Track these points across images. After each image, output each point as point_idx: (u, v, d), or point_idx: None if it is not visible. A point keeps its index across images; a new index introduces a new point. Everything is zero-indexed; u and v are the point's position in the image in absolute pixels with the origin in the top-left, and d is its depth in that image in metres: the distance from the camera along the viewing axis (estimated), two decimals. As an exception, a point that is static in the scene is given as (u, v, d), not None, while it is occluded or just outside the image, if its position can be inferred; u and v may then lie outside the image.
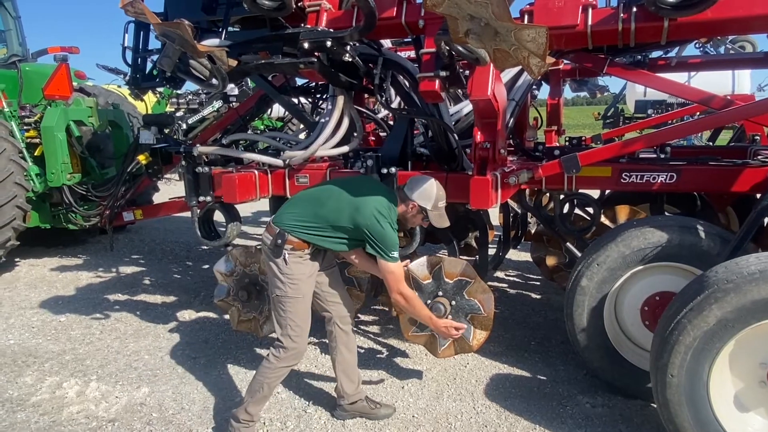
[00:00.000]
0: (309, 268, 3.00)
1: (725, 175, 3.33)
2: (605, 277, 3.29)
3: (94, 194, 6.22)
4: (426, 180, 3.04)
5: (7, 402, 3.54)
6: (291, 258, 2.93)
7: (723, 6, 2.69)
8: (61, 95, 6.20)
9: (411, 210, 3.02)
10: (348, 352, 3.26)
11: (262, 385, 3.00)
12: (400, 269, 2.99)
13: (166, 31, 2.97)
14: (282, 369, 3.01)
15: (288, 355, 2.98)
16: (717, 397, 2.57)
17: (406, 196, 3.01)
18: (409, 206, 3.01)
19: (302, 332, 2.99)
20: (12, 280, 6.18)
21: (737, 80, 12.46)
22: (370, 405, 3.30)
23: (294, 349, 2.98)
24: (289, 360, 3.00)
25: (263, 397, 3.04)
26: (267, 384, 3.01)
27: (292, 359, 3.02)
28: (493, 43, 2.40)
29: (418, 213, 3.03)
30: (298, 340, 2.98)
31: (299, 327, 2.98)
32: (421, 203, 2.99)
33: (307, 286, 3.01)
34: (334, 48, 3.32)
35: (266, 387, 3.01)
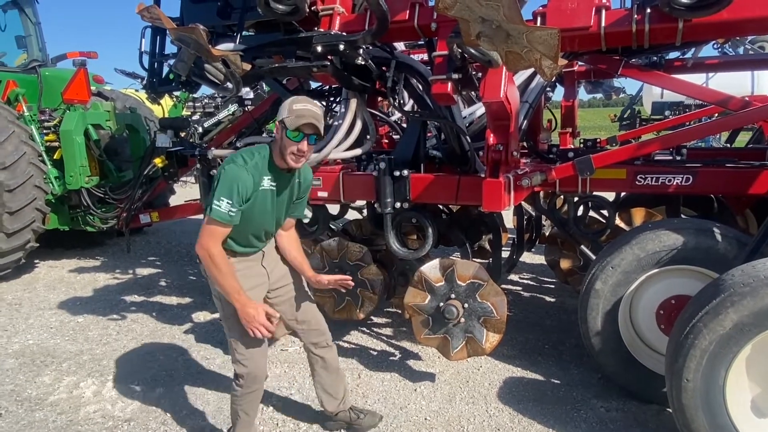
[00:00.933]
0: (245, 283, 2.59)
1: (742, 177, 3.28)
2: (620, 280, 3.26)
3: (112, 197, 6.33)
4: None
5: (25, 401, 3.60)
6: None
7: (739, 6, 2.65)
8: (79, 99, 6.31)
9: (277, 133, 2.54)
10: (327, 374, 3.02)
11: (237, 412, 2.80)
12: (218, 227, 2.44)
13: (181, 36, 3.02)
14: (247, 395, 2.75)
15: (244, 382, 2.70)
16: (733, 402, 2.54)
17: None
18: (276, 132, 2.56)
19: (251, 355, 2.66)
20: (31, 281, 6.29)
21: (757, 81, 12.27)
22: (352, 415, 3.13)
23: (248, 375, 2.68)
24: (248, 385, 2.72)
25: (247, 422, 2.83)
26: (242, 410, 2.79)
27: (251, 383, 2.72)
28: (505, 45, 2.40)
29: (282, 132, 2.48)
30: (248, 363, 2.66)
31: (247, 350, 2.65)
32: (280, 117, 2.50)
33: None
34: (347, 51, 3.34)
35: (242, 413, 2.79)
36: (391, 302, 4.36)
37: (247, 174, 2.46)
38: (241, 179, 2.43)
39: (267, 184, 2.56)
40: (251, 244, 2.69)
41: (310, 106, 2.50)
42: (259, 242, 2.73)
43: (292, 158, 2.50)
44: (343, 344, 4.30)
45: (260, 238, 2.72)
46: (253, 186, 2.49)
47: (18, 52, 7.53)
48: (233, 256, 2.64)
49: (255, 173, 2.50)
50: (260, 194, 2.54)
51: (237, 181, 2.42)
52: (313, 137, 2.51)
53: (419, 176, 3.54)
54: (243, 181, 2.44)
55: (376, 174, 3.50)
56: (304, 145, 2.49)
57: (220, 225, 2.44)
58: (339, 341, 4.34)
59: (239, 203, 2.45)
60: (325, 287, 2.95)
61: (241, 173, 2.45)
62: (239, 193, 2.43)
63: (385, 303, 4.45)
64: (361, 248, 4.00)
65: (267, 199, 2.59)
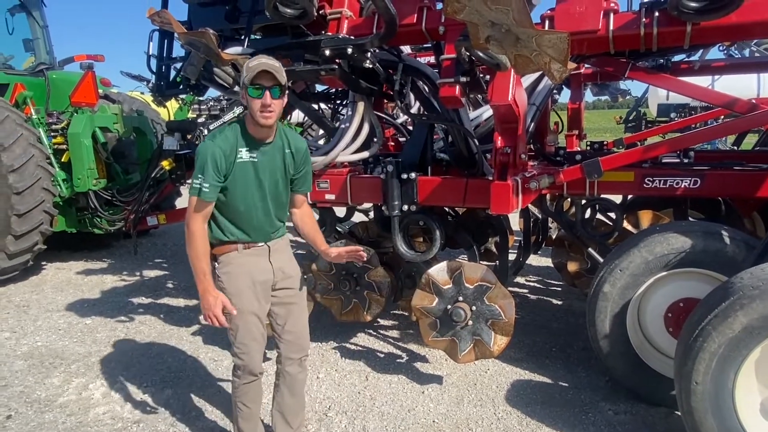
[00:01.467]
0: (245, 279, 2.62)
1: (750, 179, 3.28)
2: (628, 283, 3.26)
3: (119, 199, 6.36)
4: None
5: (35, 402, 3.62)
6: (220, 269, 2.62)
7: (748, 9, 2.66)
8: (87, 102, 6.35)
9: (244, 99, 2.49)
10: (290, 395, 2.89)
11: (236, 404, 2.81)
12: (194, 202, 2.48)
13: (191, 40, 3.04)
14: (244, 386, 2.76)
15: (241, 373, 2.73)
16: (742, 404, 2.53)
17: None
18: (242, 98, 2.51)
19: (247, 348, 2.68)
20: (39, 283, 6.32)
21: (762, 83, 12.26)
22: None
23: (243, 366, 2.71)
24: (245, 377, 2.74)
25: (248, 414, 2.82)
26: (241, 402, 2.79)
27: (247, 376, 2.74)
28: (514, 48, 2.41)
29: (246, 93, 2.44)
30: (243, 356, 2.68)
31: (243, 344, 2.67)
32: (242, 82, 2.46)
33: (245, 300, 2.62)
34: (354, 55, 3.36)
35: (242, 406, 2.80)
36: (398, 304, 4.36)
37: (215, 146, 2.45)
38: (209, 153, 2.44)
39: (246, 156, 2.53)
40: (251, 227, 2.63)
41: (264, 60, 2.45)
42: (259, 226, 2.65)
43: (260, 117, 2.45)
44: (350, 346, 4.31)
45: (258, 220, 2.64)
46: (225, 157, 2.47)
47: (25, 55, 7.58)
48: (236, 245, 2.62)
49: (225, 145, 2.48)
50: (239, 167, 2.52)
51: (206, 156, 2.44)
52: (276, 89, 2.44)
53: (427, 179, 3.55)
54: (212, 154, 2.44)
55: (384, 177, 3.51)
56: (267, 99, 2.42)
57: (199, 202, 2.47)
58: (346, 343, 4.35)
59: (215, 178, 2.46)
60: (338, 260, 2.96)
61: (209, 147, 2.45)
62: (212, 166, 2.44)
63: (391, 305, 4.45)
64: (368, 250, 4.00)
65: (249, 173, 2.55)
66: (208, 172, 2.44)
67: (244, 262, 2.64)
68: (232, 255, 2.63)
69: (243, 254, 2.64)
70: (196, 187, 2.46)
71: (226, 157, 2.47)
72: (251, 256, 2.66)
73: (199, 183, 2.45)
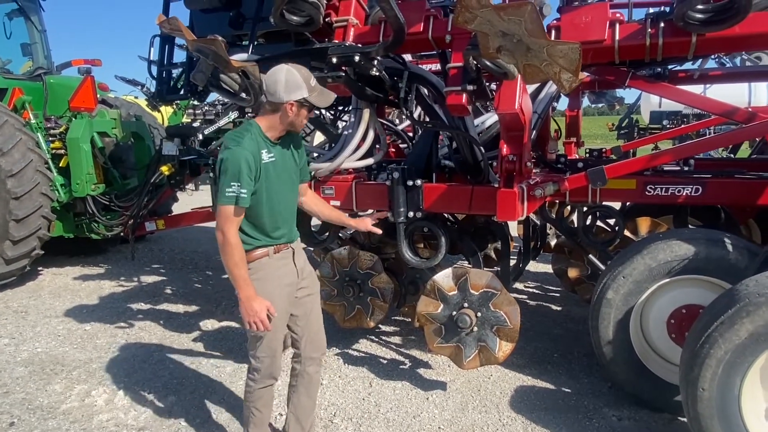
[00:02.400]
0: (279, 282, 2.69)
1: (752, 188, 3.32)
2: (631, 289, 3.29)
3: (117, 204, 6.34)
4: (280, 72, 2.53)
5: (38, 409, 3.60)
6: (251, 275, 2.61)
7: (751, 21, 2.70)
8: (86, 107, 6.33)
9: (291, 112, 2.54)
10: (307, 398, 2.96)
11: (250, 410, 2.83)
12: (230, 210, 2.47)
13: (200, 47, 3.04)
14: (260, 390, 2.79)
15: (259, 376, 2.76)
16: (748, 411, 2.56)
17: (275, 103, 2.53)
18: (287, 110, 2.53)
19: (269, 351, 2.73)
20: (36, 288, 6.28)
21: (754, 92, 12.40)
22: None
23: (263, 370, 2.75)
24: (262, 380, 2.77)
25: (260, 420, 2.85)
26: (254, 408, 2.82)
27: (265, 379, 2.78)
28: (525, 58, 2.44)
29: (300, 109, 2.55)
30: (265, 359, 2.73)
31: (270, 348, 2.72)
32: (296, 97, 2.51)
33: (277, 305, 2.65)
34: (361, 62, 3.37)
35: (255, 411, 2.82)
36: (401, 311, 4.37)
37: (246, 152, 2.47)
38: (242, 159, 2.45)
39: (266, 157, 2.57)
40: (278, 227, 2.68)
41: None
42: (284, 225, 2.71)
43: (301, 126, 2.67)
44: (353, 352, 4.31)
45: (283, 218, 2.70)
46: (255, 161, 2.50)
47: (23, 59, 7.53)
48: (267, 250, 2.65)
49: (253, 149, 2.51)
50: (263, 168, 2.56)
51: (239, 162, 2.44)
52: None
53: (432, 186, 3.57)
54: (245, 160, 2.45)
55: (390, 183, 3.53)
56: (312, 112, 2.73)
57: (234, 208, 2.47)
58: (349, 349, 4.36)
59: (249, 182, 2.48)
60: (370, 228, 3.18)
61: (240, 153, 2.45)
62: (246, 172, 2.45)
63: (393, 311, 4.46)
64: (372, 257, 4.02)
65: (270, 173, 2.60)
66: (244, 179, 2.45)
67: (274, 267, 2.69)
68: (264, 261, 2.66)
69: (273, 259, 2.68)
70: (233, 195, 2.45)
71: (255, 161, 2.50)
72: (280, 260, 2.71)
73: (236, 190, 2.44)
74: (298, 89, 2.51)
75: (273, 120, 2.58)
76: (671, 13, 2.86)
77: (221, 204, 2.47)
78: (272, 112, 2.57)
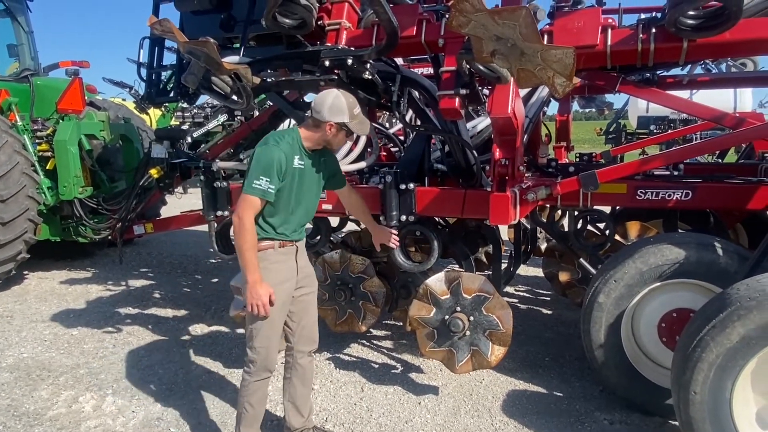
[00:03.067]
0: (279, 275, 2.79)
1: (741, 192, 3.36)
2: (623, 293, 3.30)
3: (105, 207, 6.26)
4: (329, 95, 2.75)
5: (24, 416, 3.53)
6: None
7: (742, 28, 2.73)
8: (74, 109, 6.26)
9: (330, 132, 2.75)
10: (302, 386, 3.05)
11: (243, 405, 2.88)
12: (254, 200, 2.63)
13: (191, 49, 3.02)
14: (254, 384, 2.85)
15: (255, 369, 2.83)
16: (739, 414, 2.57)
17: (318, 120, 2.73)
18: (326, 129, 2.74)
19: (270, 344, 2.82)
20: (22, 293, 6.19)
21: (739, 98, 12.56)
22: None
23: (260, 362, 2.82)
24: (258, 373, 2.84)
25: (252, 416, 2.89)
26: (248, 402, 2.87)
27: (261, 371, 2.84)
28: (519, 63, 2.44)
29: (338, 131, 2.77)
30: (264, 352, 2.81)
31: (267, 339, 2.80)
32: (337, 120, 2.71)
33: (277, 296, 2.75)
34: (354, 66, 3.36)
35: (248, 406, 2.87)
36: (393, 315, 4.35)
37: (281, 152, 2.67)
38: (276, 157, 2.64)
39: (296, 163, 2.75)
40: (290, 226, 2.82)
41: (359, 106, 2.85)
42: (296, 226, 2.86)
43: (338, 146, 2.96)
44: (344, 357, 4.29)
45: (297, 220, 2.85)
46: (287, 163, 2.68)
47: (9, 60, 7.44)
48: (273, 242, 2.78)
49: (288, 151, 2.71)
50: (291, 172, 2.73)
51: (272, 159, 2.63)
52: None
53: (425, 189, 3.57)
54: (278, 159, 2.64)
55: (383, 187, 3.52)
56: (352, 137, 3.03)
57: (257, 199, 2.64)
58: (340, 354, 4.33)
59: (277, 180, 2.65)
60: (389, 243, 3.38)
61: (275, 152, 2.66)
62: (276, 170, 2.63)
63: (384, 315, 4.45)
64: (364, 261, 4.01)
65: (296, 178, 2.77)
66: (273, 175, 2.63)
67: (278, 260, 2.81)
68: (269, 252, 2.78)
69: (278, 252, 2.81)
70: (260, 188, 2.61)
71: (288, 162, 2.70)
72: (284, 254, 2.84)
73: (265, 184, 2.62)
74: (341, 113, 2.72)
75: (312, 134, 2.79)
76: (663, 19, 2.88)
77: (246, 193, 2.63)
78: (314, 127, 2.78)
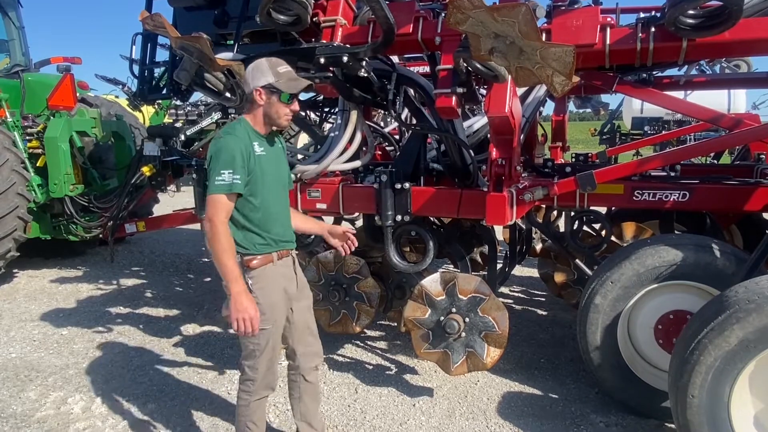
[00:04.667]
0: (279, 292, 2.61)
1: (738, 194, 3.34)
2: (619, 295, 3.28)
3: (96, 205, 6.20)
4: (251, 64, 2.55)
5: (11, 417, 3.47)
6: (254, 284, 2.53)
7: (741, 28, 2.71)
8: (65, 106, 6.19)
9: (261, 100, 2.47)
10: (312, 402, 2.91)
11: (245, 424, 2.69)
12: (220, 199, 2.40)
13: (184, 45, 2.97)
14: (255, 403, 2.68)
15: (255, 388, 2.64)
16: (737, 417, 2.55)
17: (249, 95, 2.52)
18: (256, 98, 2.48)
19: (272, 364, 2.67)
20: (11, 291, 6.10)
21: (733, 99, 12.60)
22: None
23: (260, 380, 2.64)
24: (259, 392, 2.66)
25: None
26: (250, 422, 2.69)
27: (262, 390, 2.67)
28: (517, 61, 2.40)
29: (269, 97, 2.47)
30: (264, 371, 2.64)
31: (269, 359, 2.64)
32: (261, 83, 2.45)
33: (278, 315, 2.61)
34: (349, 63, 3.32)
35: (251, 425, 2.69)
36: (387, 316, 4.31)
37: (239, 140, 2.44)
38: (234, 147, 2.41)
39: (258, 150, 2.53)
40: (280, 226, 2.63)
41: (290, 67, 2.57)
42: (281, 226, 2.63)
43: (284, 121, 2.55)
44: (338, 358, 4.25)
45: (280, 220, 2.64)
46: (247, 150, 2.46)
47: (0, 56, 7.35)
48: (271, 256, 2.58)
49: (245, 139, 2.47)
50: (256, 161, 2.50)
51: (231, 150, 2.40)
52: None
53: (421, 189, 3.53)
54: (237, 148, 2.41)
55: (378, 186, 3.48)
56: (295, 105, 2.57)
57: (223, 196, 2.41)
58: (334, 355, 4.29)
59: (243, 171, 2.42)
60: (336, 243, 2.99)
61: (231, 142, 2.43)
62: (240, 159, 2.41)
63: (379, 316, 4.40)
64: (359, 261, 3.96)
65: (265, 166, 2.55)
66: (237, 165, 2.40)
67: (278, 275, 2.62)
68: (268, 268, 2.58)
69: (277, 266, 2.61)
70: (226, 183, 2.38)
71: (249, 149, 2.47)
72: (283, 267, 2.65)
73: (229, 177, 2.38)
74: (263, 75, 2.47)
75: (253, 113, 2.55)
76: (662, 18, 2.85)
77: (211, 193, 2.40)
78: (250, 105, 2.54)
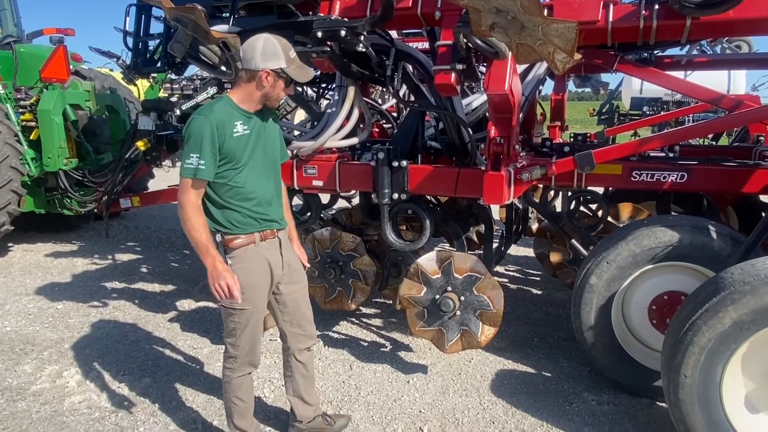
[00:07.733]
0: (258, 275, 2.56)
1: (736, 175, 3.32)
2: (615, 275, 3.28)
3: (91, 180, 6.14)
4: (258, 39, 2.40)
5: (6, 390, 3.48)
6: (235, 264, 2.49)
7: (746, 6, 2.66)
8: (58, 78, 6.09)
9: (267, 81, 2.40)
10: (304, 380, 2.89)
11: (231, 401, 2.70)
12: (187, 182, 2.38)
13: (178, 16, 2.91)
14: (238, 379, 2.67)
15: (237, 365, 2.64)
16: (729, 398, 2.57)
17: (252, 71, 2.40)
18: (263, 78, 2.40)
19: (253, 343, 2.65)
20: (6, 265, 6.08)
21: (733, 80, 12.52)
22: (325, 420, 3.01)
23: (242, 357, 2.63)
24: (241, 369, 2.66)
25: (243, 409, 2.74)
26: (236, 397, 2.69)
27: (244, 367, 2.66)
28: (519, 37, 2.36)
29: (276, 80, 2.42)
30: (247, 349, 2.64)
31: (250, 337, 2.63)
32: (273, 66, 2.38)
33: (259, 294, 2.58)
34: (347, 38, 3.26)
35: (236, 400, 2.70)
36: (383, 293, 4.32)
37: (209, 121, 2.36)
38: (204, 130, 2.34)
39: (241, 129, 2.45)
40: (265, 204, 2.56)
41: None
42: (267, 207, 2.58)
43: (276, 101, 2.52)
44: (333, 335, 4.26)
45: (267, 200, 2.58)
46: (220, 132, 2.38)
47: (-9, 27, 7.23)
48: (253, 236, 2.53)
49: (219, 119, 2.38)
50: (236, 141, 2.43)
51: (201, 133, 2.34)
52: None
53: (418, 167, 3.50)
54: (208, 131, 2.34)
55: (375, 164, 3.45)
56: (291, 89, 2.57)
57: (193, 180, 2.37)
58: (329, 332, 4.30)
59: (212, 155, 2.36)
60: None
61: (203, 124, 2.35)
62: (209, 143, 2.34)
63: (374, 294, 4.41)
64: (355, 238, 3.95)
65: (248, 146, 2.48)
66: (205, 149, 2.33)
67: (260, 255, 2.57)
68: (249, 249, 2.53)
69: (260, 247, 2.57)
70: (191, 167, 2.33)
71: (221, 131, 2.37)
72: (266, 248, 2.59)
73: (195, 162, 2.33)
74: (276, 58, 2.38)
75: (248, 90, 2.45)
76: (666, -4, 2.81)
77: (181, 176, 2.37)
78: (247, 81, 2.43)
